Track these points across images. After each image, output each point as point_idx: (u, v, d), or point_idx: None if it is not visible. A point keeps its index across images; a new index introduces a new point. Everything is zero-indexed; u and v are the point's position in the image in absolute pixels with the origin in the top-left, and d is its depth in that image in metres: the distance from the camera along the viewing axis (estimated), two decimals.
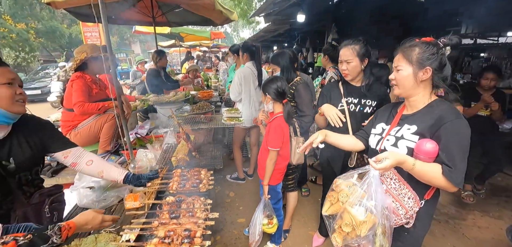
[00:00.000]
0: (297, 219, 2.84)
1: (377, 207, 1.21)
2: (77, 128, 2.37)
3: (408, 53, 1.25)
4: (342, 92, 1.97)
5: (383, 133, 1.43)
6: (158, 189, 1.60)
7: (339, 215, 1.33)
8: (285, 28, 7.88)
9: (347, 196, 1.31)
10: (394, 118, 1.42)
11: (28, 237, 0.87)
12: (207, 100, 3.65)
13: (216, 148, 2.28)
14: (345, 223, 1.26)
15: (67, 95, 2.36)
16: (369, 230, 1.23)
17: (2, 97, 1.08)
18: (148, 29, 6.48)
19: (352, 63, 1.83)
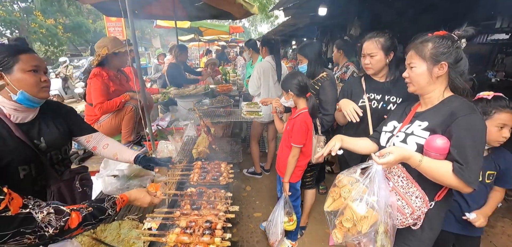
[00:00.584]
0: (313, 216, 2.80)
1: (379, 203, 1.18)
2: (99, 121, 2.47)
3: (421, 49, 1.20)
4: (364, 87, 1.87)
5: (394, 131, 1.39)
6: (179, 180, 1.63)
7: (340, 211, 1.31)
8: (305, 22, 7.72)
9: (349, 192, 1.28)
10: (407, 116, 1.37)
11: (89, 209, 0.95)
12: (226, 94, 3.66)
13: (235, 142, 2.28)
14: (346, 218, 1.24)
15: (88, 91, 2.46)
16: (370, 227, 1.19)
17: (28, 83, 1.13)
18: (168, 24, 6.60)
19: (375, 57, 1.72)
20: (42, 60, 1.22)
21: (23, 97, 1.13)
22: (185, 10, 4.74)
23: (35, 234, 0.78)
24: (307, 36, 12.06)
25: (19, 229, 0.74)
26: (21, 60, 1.11)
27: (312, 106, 1.93)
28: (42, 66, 1.20)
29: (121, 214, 1.61)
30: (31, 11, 14.31)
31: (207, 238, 1.13)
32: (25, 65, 1.12)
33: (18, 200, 0.77)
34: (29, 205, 0.79)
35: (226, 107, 2.96)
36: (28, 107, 1.19)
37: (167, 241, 1.14)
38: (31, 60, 1.14)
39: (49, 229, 0.81)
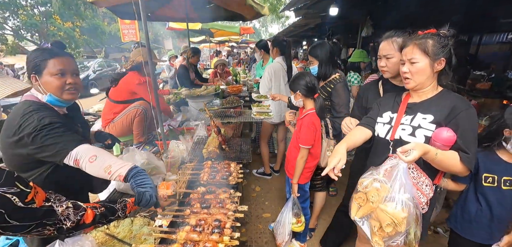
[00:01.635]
0: (323, 218, 2.77)
1: (410, 199, 1.19)
2: (113, 120, 2.58)
3: (423, 44, 1.24)
4: (381, 93, 1.77)
5: (392, 122, 1.41)
6: (190, 178, 1.65)
7: (371, 216, 1.28)
8: (316, 23, 7.66)
9: (378, 195, 1.24)
10: (400, 106, 1.41)
11: (102, 209, 1.00)
12: (236, 95, 3.69)
13: (244, 142, 2.30)
14: (387, 224, 1.20)
15: (117, 88, 2.58)
16: (408, 224, 1.19)
17: (53, 86, 1.22)
18: (180, 26, 6.71)
19: (392, 59, 1.61)
20: (71, 63, 1.29)
21: (51, 98, 1.23)
22: (197, 12, 4.81)
23: (55, 226, 0.83)
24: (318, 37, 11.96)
25: (42, 221, 0.79)
26: (49, 64, 1.20)
27: (319, 107, 1.91)
28: (69, 69, 1.26)
29: (133, 211, 1.66)
30: (50, 15, 14.94)
31: (216, 236, 1.14)
32: (52, 69, 1.20)
33: (42, 194, 0.82)
34: (51, 199, 0.85)
35: (236, 108, 2.98)
36: (59, 106, 1.29)
37: (177, 238, 1.16)
38: (58, 64, 1.22)
39: (67, 222, 0.86)
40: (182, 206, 1.40)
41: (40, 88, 1.21)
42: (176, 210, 1.34)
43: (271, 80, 3.02)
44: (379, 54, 1.70)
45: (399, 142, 1.31)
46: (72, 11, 15.66)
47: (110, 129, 2.58)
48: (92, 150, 1.16)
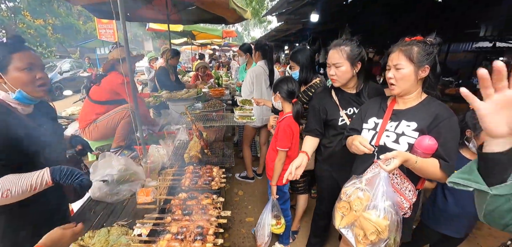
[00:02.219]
0: (306, 220, 2.81)
1: (392, 206, 1.24)
2: (96, 121, 2.46)
3: (409, 51, 1.26)
4: (337, 102, 1.75)
5: (377, 127, 1.43)
6: (171, 184, 1.61)
7: (355, 225, 1.31)
8: (297, 28, 7.82)
9: (361, 203, 1.29)
10: (385, 113, 1.42)
11: None
12: (218, 99, 3.65)
13: (227, 146, 2.28)
14: (371, 232, 1.24)
15: (100, 88, 2.49)
16: (390, 231, 1.23)
17: (23, 82, 1.13)
18: (161, 27, 6.56)
19: (341, 67, 1.60)
20: (37, 57, 1.21)
21: (21, 95, 1.13)
22: (178, 13, 4.73)
23: None
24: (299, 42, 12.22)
25: None
26: (14, 59, 1.11)
27: (296, 111, 1.96)
28: (37, 64, 1.19)
29: (110, 220, 1.58)
30: (19, 11, 13.99)
31: (199, 244, 1.12)
32: (19, 64, 1.11)
33: None
34: None
35: (219, 112, 2.95)
36: (27, 104, 1.20)
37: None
38: (25, 58, 1.13)
39: None
40: (163, 213, 1.35)
41: (5, 86, 1.11)
42: (156, 217, 1.30)
43: (252, 83, 3.03)
44: (328, 63, 1.68)
45: (384, 148, 1.33)
46: (44, 8, 14.79)
47: (91, 130, 2.45)
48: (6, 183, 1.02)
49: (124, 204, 1.78)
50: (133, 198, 1.83)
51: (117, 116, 2.43)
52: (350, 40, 1.62)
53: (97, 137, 2.52)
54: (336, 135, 1.82)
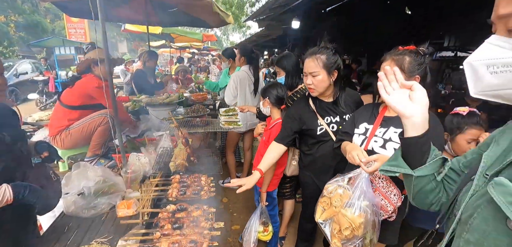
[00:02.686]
0: (292, 225, 2.81)
1: (369, 206, 1.30)
2: (69, 127, 2.25)
3: (400, 61, 1.29)
4: (314, 110, 1.75)
5: (367, 133, 1.47)
6: (157, 196, 1.51)
7: (333, 219, 1.39)
8: (277, 34, 7.93)
9: (341, 200, 1.36)
10: (376, 119, 1.47)
11: None
12: (201, 103, 3.56)
13: (214, 152, 2.21)
14: (345, 227, 1.30)
15: (72, 91, 2.31)
16: (365, 229, 1.29)
17: None
18: (138, 28, 6.30)
19: (317, 76, 1.58)
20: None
21: None
22: (158, 15, 4.57)
23: None
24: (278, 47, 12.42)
25: None
26: None
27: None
28: None
29: (88, 237, 1.45)
30: None
31: None
32: None
33: None
34: None
35: (202, 117, 2.87)
36: None
37: None
38: None
39: None
40: (149, 227, 1.26)
41: None
42: (143, 233, 1.20)
43: (236, 88, 3.00)
44: (304, 71, 1.67)
45: (372, 152, 1.36)
46: (6, 3, 13.59)
47: (63, 137, 2.24)
48: None
49: (103, 219, 1.64)
50: (113, 212, 1.69)
51: (93, 122, 2.26)
52: (326, 49, 1.61)
53: (70, 145, 2.32)
54: (315, 143, 1.84)
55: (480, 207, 0.57)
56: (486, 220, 0.55)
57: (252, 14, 6.24)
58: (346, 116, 1.73)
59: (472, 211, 0.59)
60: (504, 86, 0.52)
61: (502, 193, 0.49)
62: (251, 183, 1.60)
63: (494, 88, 0.53)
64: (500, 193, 0.50)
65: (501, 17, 0.53)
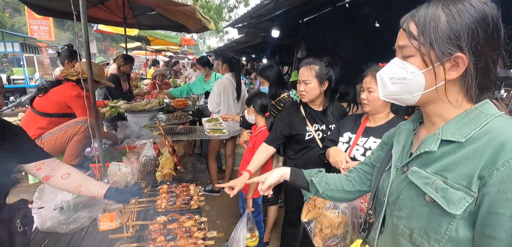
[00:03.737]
0: (276, 231, 2.85)
1: (348, 208, 1.41)
2: (41, 136, 2.08)
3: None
4: (304, 116, 1.85)
5: (350, 142, 1.59)
6: (145, 207, 1.47)
7: (316, 219, 1.51)
8: (256, 41, 8.04)
9: (324, 202, 1.48)
10: (359, 129, 1.60)
11: None
12: (183, 110, 3.50)
13: (199, 161, 2.19)
14: (326, 226, 1.42)
15: (46, 98, 2.15)
16: (344, 229, 1.41)
17: None
18: (113, 29, 6.01)
19: (310, 84, 1.71)
20: None
21: None
22: (136, 17, 4.43)
23: None
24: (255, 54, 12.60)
25: None
26: None
27: (270, 124, 2.06)
28: None
29: None
30: None
31: None
32: None
33: None
34: None
35: (185, 124, 2.83)
36: None
37: None
38: None
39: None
40: (140, 241, 1.22)
41: None
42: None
43: (220, 95, 3.01)
44: (298, 79, 1.78)
45: (354, 160, 1.48)
46: None
47: None
48: None
49: (82, 234, 1.55)
50: (94, 225, 1.61)
51: (68, 132, 2.11)
52: (320, 60, 1.73)
53: None
54: (301, 149, 1.93)
55: (403, 190, 0.74)
56: (411, 199, 0.71)
57: (233, 21, 6.28)
58: (332, 126, 1.84)
59: (397, 194, 0.76)
60: (399, 93, 0.72)
61: (418, 177, 0.68)
62: (241, 183, 1.61)
63: (393, 94, 0.73)
64: (417, 178, 0.68)
65: (398, 47, 0.72)
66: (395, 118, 1.53)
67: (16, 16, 15.77)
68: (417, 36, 0.66)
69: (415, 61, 0.67)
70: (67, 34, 18.43)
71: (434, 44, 0.63)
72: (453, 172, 0.63)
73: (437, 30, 0.63)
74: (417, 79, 0.67)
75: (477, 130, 0.62)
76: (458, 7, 0.62)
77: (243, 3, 15.88)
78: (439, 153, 0.67)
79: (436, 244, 0.65)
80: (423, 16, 0.65)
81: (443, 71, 0.64)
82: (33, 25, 10.92)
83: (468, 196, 0.60)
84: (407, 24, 0.69)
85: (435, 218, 0.65)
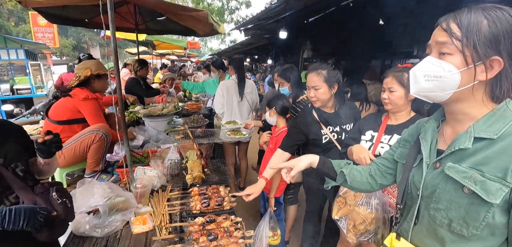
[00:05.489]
0: (294, 230, 2.89)
1: (379, 204, 1.46)
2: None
3: (400, 77, 1.49)
4: (318, 120, 1.88)
5: (373, 139, 1.64)
6: (180, 210, 1.51)
7: (348, 216, 1.55)
8: (261, 43, 8.10)
9: (354, 199, 1.53)
10: (380, 127, 1.64)
11: None
12: (197, 113, 3.54)
13: (222, 163, 2.23)
14: (359, 223, 1.47)
15: (58, 105, 2.16)
16: (376, 224, 1.46)
17: None
18: (120, 35, 6.08)
19: (320, 89, 1.73)
20: None
21: None
22: (145, 24, 4.48)
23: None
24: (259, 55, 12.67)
25: None
26: None
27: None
28: None
29: None
30: None
31: None
32: None
33: None
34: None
35: (202, 127, 2.87)
36: None
37: None
38: None
39: None
40: (181, 242, 1.26)
41: None
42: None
43: (223, 96, 3.09)
44: (307, 85, 1.80)
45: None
46: None
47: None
48: None
49: (117, 237, 1.59)
50: (126, 229, 1.65)
51: (85, 141, 2.11)
52: (326, 64, 1.80)
53: (64, 164, 2.15)
54: (320, 151, 1.95)
55: (439, 185, 0.78)
56: (449, 192, 0.76)
57: (239, 24, 6.34)
58: (345, 127, 1.88)
59: (433, 188, 0.80)
60: (431, 90, 0.76)
61: (456, 172, 0.73)
62: (258, 190, 1.65)
63: (426, 91, 0.77)
64: (455, 172, 0.73)
65: (437, 43, 0.75)
66: (416, 116, 1.57)
67: (20, 24, 15.91)
68: (461, 37, 0.69)
69: (453, 60, 0.71)
70: (70, 40, 18.55)
71: (477, 46, 0.67)
72: (488, 165, 0.69)
73: (480, 33, 0.67)
74: (453, 78, 0.71)
75: (507, 127, 0.69)
76: (498, 14, 0.67)
77: (244, 5, 15.96)
78: (473, 149, 0.72)
79: (474, 230, 0.72)
80: (466, 19, 0.70)
81: (480, 71, 0.69)
82: (37, 33, 11.03)
83: (504, 186, 0.66)
84: (448, 24, 0.73)
85: (474, 208, 0.70)
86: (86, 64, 2.27)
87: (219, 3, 14.93)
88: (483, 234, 0.71)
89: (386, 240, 0.98)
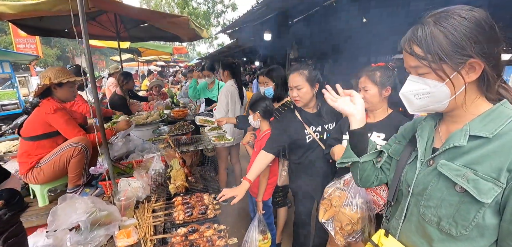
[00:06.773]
0: (286, 231, 2.89)
1: (364, 203, 1.48)
2: (39, 163, 2.01)
3: (372, 76, 1.52)
4: (301, 120, 1.90)
5: None
6: (163, 221, 1.49)
7: (334, 218, 1.55)
8: (248, 45, 8.10)
9: (340, 200, 1.53)
10: None
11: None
12: (183, 120, 3.51)
13: (207, 169, 2.21)
14: (346, 223, 1.48)
15: (30, 121, 2.05)
16: (363, 223, 1.47)
17: None
18: (104, 43, 5.96)
19: (302, 89, 1.76)
20: None
21: None
22: (128, 31, 4.42)
23: None
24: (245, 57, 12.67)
25: None
26: None
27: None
28: None
29: None
30: None
31: None
32: None
33: None
34: None
35: (188, 134, 2.84)
36: None
37: None
38: None
39: None
40: None
41: None
42: None
43: (228, 103, 3.04)
44: (289, 86, 1.83)
45: None
46: None
47: (34, 174, 1.97)
48: None
49: None
50: (111, 243, 1.62)
51: (64, 155, 2.01)
52: (307, 64, 1.82)
53: (45, 180, 2.05)
54: (304, 152, 1.97)
55: (431, 182, 0.78)
56: (440, 189, 0.75)
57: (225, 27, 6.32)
58: (328, 126, 1.90)
59: (424, 186, 0.80)
60: (427, 105, 0.77)
61: (449, 170, 0.73)
62: (242, 192, 1.66)
63: (422, 107, 0.79)
64: (448, 170, 0.73)
65: (411, 68, 0.77)
66: (394, 113, 1.60)
67: (1, 35, 15.35)
68: (425, 56, 0.70)
69: (432, 77, 0.72)
70: (54, 51, 18.05)
71: (445, 59, 0.68)
72: (482, 165, 0.68)
73: (441, 46, 0.68)
74: (441, 90, 0.72)
75: (502, 127, 0.68)
76: (451, 22, 0.67)
77: (230, 8, 15.95)
78: (468, 147, 0.72)
79: (463, 230, 0.71)
80: (422, 37, 0.71)
81: (461, 77, 0.69)
82: (19, 44, 10.69)
83: (497, 186, 0.65)
84: (410, 48, 0.74)
85: (465, 206, 0.70)
86: (46, 73, 2.13)
87: (204, 7, 14.88)
88: (472, 234, 0.71)
89: (375, 237, 0.99)
